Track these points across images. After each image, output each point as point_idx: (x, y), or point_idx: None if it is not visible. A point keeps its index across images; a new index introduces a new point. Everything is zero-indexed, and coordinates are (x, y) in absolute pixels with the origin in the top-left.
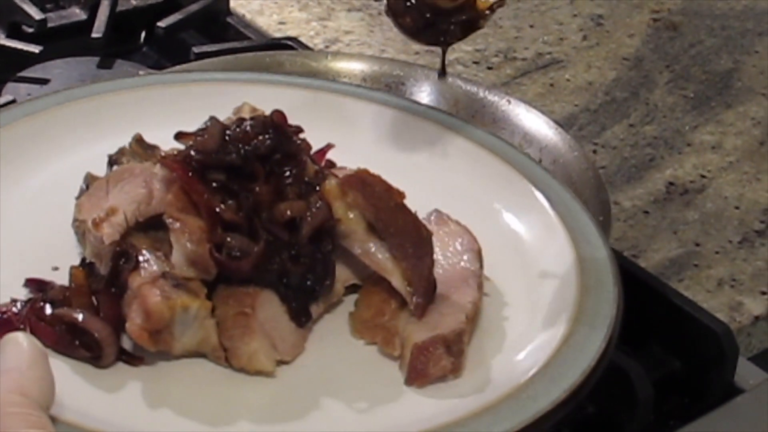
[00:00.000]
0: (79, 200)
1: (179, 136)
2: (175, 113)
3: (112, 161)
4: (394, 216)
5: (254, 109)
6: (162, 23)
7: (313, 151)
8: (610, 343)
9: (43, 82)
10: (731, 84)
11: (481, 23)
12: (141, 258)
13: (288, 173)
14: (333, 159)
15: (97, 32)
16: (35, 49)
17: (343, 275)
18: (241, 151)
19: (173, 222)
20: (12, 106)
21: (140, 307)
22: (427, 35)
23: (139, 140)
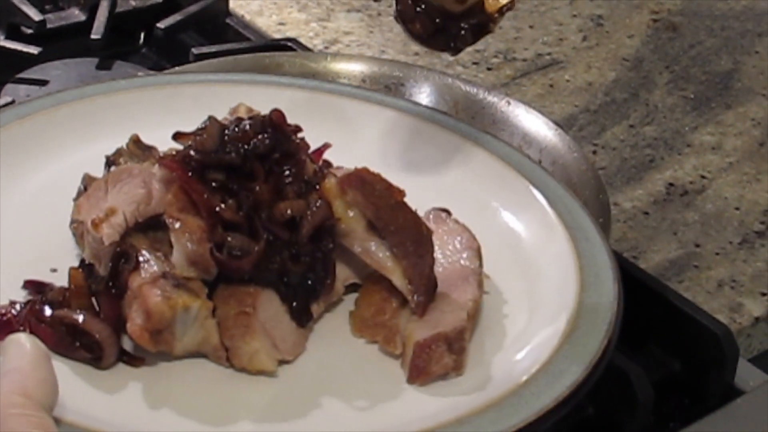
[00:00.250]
0: (77, 201)
1: (177, 136)
2: (170, 114)
3: (110, 162)
4: (394, 214)
5: (250, 110)
6: (161, 24)
7: (309, 150)
8: (611, 339)
9: (42, 83)
10: (731, 85)
11: (491, 27)
12: (141, 258)
13: (287, 172)
14: (329, 159)
15: (96, 33)
16: (34, 50)
17: (342, 274)
18: (241, 151)
19: (173, 222)
20: (6, 108)
21: (141, 307)
22: (438, 41)
23: (136, 141)
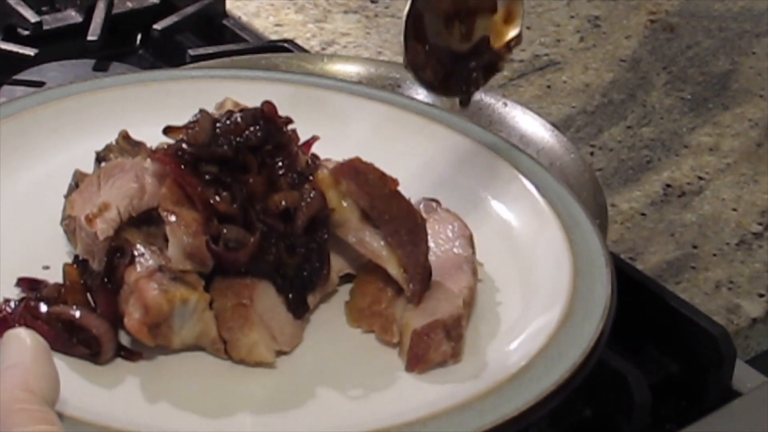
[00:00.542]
0: (70, 197)
1: (168, 130)
2: (157, 111)
3: (100, 158)
4: (388, 203)
5: (236, 104)
6: (158, 26)
7: (298, 144)
8: (607, 323)
9: (39, 84)
10: (729, 85)
11: (501, 65)
12: (136, 252)
13: (280, 164)
14: (317, 152)
15: (93, 35)
16: (31, 51)
17: (337, 265)
18: (233, 143)
19: (169, 215)
20: None
21: (138, 301)
22: (450, 86)
23: (125, 137)
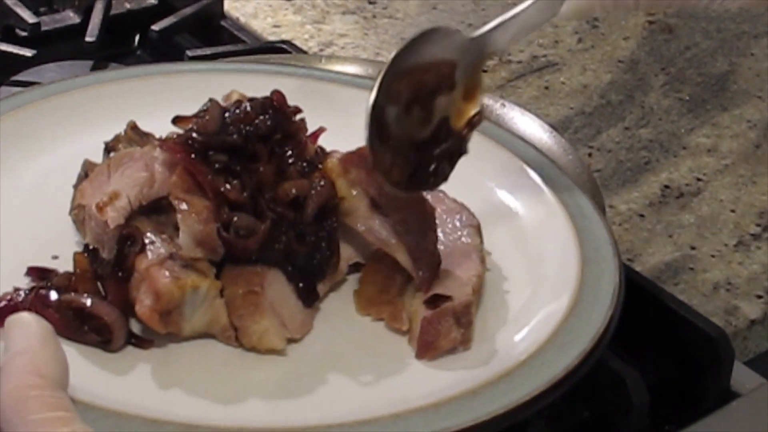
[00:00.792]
0: (80, 186)
1: (177, 120)
2: (162, 103)
3: (109, 148)
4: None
5: (242, 96)
6: (156, 27)
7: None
8: (616, 311)
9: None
10: (727, 87)
11: (464, 148)
12: (147, 240)
13: (289, 153)
14: (323, 144)
15: (91, 36)
16: (29, 52)
17: (345, 253)
18: (243, 132)
19: (179, 203)
20: None
21: (149, 288)
22: (418, 182)
23: (133, 127)
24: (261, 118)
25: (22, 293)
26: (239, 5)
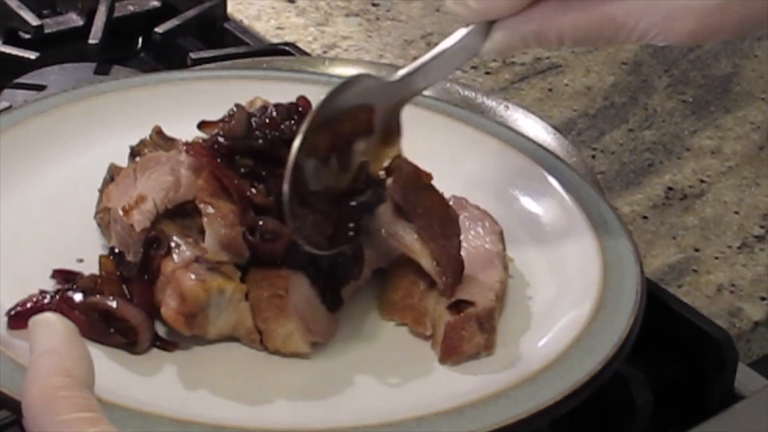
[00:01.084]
0: (105, 190)
1: (202, 125)
2: (185, 109)
3: (134, 153)
4: (422, 197)
5: (266, 103)
6: (159, 29)
7: None
8: (638, 317)
9: (40, 88)
10: (730, 88)
11: (384, 194)
12: (172, 244)
13: None
14: None
15: (94, 38)
16: (32, 55)
17: (369, 259)
18: (268, 137)
19: (206, 206)
20: (23, 105)
21: (175, 291)
22: (340, 240)
23: (158, 132)
24: (286, 123)
25: (48, 296)
26: (242, 7)
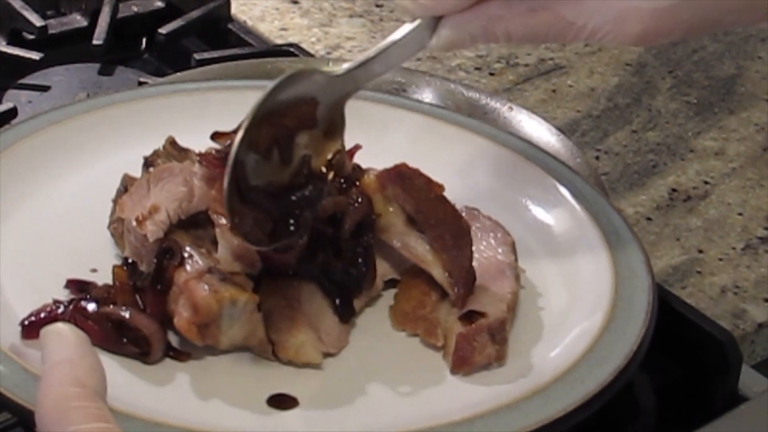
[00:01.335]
0: (119, 200)
1: (216, 135)
2: (200, 119)
3: (148, 163)
4: (434, 208)
5: None
6: (163, 30)
7: None
8: (649, 328)
9: (44, 89)
10: (734, 90)
11: (325, 189)
12: (185, 254)
13: None
14: (358, 162)
15: (98, 39)
16: (36, 56)
17: (381, 269)
18: None
19: (219, 217)
20: (37, 115)
21: (188, 301)
22: (280, 234)
23: (172, 142)
24: None
25: (62, 305)
26: (246, 8)
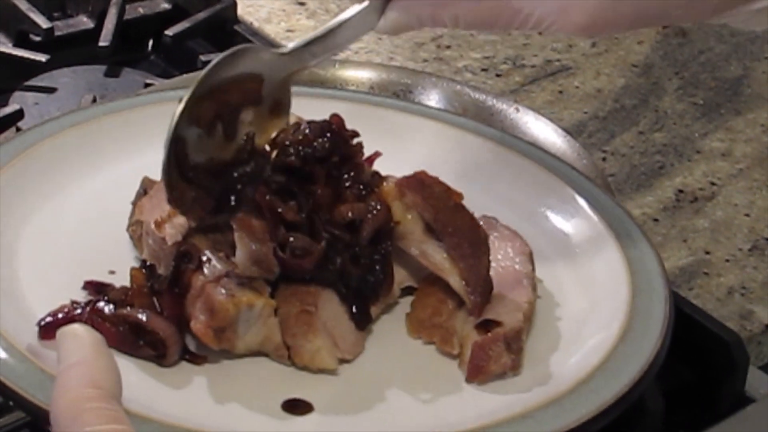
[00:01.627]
0: (138, 203)
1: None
2: None
3: None
4: (452, 216)
5: (300, 119)
6: (169, 31)
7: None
8: (665, 340)
9: (51, 90)
10: (741, 91)
11: (267, 166)
12: (203, 258)
13: (346, 175)
14: (378, 169)
15: (105, 41)
16: (42, 57)
17: (398, 277)
18: (301, 153)
19: (237, 222)
20: (59, 116)
21: (205, 305)
22: (222, 208)
23: None
24: (319, 140)
25: (79, 307)
26: (253, 10)
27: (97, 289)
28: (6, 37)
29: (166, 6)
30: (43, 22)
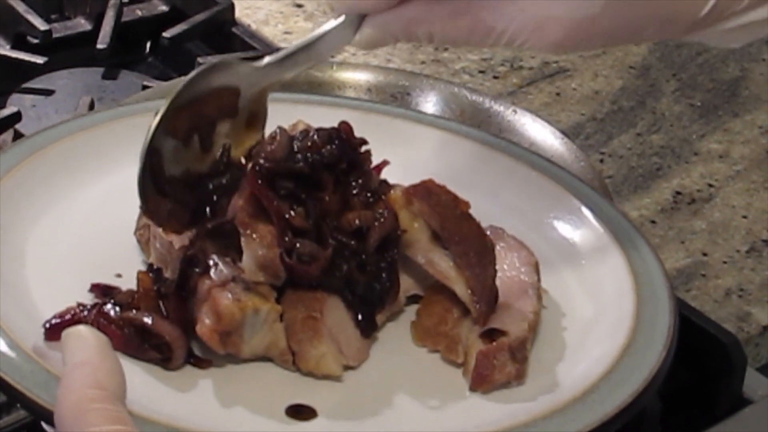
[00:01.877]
0: None
1: None
2: None
3: None
4: (459, 225)
5: (309, 126)
6: (167, 33)
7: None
8: (670, 351)
9: (48, 93)
10: (738, 92)
11: (242, 179)
12: (210, 262)
13: (354, 182)
14: (385, 177)
15: (102, 43)
16: (40, 60)
17: (404, 285)
18: (309, 160)
19: (245, 227)
20: (67, 120)
21: (211, 309)
22: (196, 220)
23: None
24: (328, 147)
25: (85, 309)
26: (250, 12)
27: (103, 292)
28: (3, 39)
29: (164, 8)
30: (40, 24)
